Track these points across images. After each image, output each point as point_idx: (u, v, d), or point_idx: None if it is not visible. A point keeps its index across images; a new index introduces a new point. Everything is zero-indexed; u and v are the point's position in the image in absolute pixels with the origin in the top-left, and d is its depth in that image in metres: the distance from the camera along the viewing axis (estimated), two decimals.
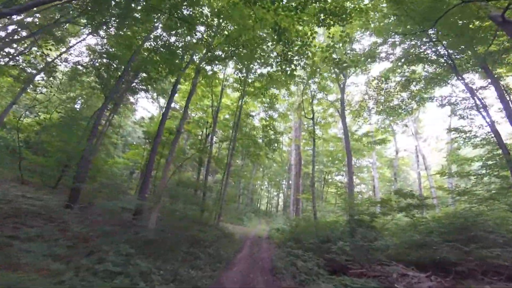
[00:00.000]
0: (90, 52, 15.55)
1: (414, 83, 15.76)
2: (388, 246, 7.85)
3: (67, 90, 20.98)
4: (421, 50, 13.59)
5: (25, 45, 16.60)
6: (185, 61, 13.44)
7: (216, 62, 13.21)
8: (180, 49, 12.62)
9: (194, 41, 12.12)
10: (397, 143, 31.67)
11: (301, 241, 10.24)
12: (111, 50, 14.10)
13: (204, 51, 12.68)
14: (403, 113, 18.87)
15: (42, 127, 16.35)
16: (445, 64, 13.08)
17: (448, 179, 22.01)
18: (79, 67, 16.04)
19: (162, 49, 12.43)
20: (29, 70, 17.23)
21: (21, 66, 17.56)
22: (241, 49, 10.24)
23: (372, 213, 9.50)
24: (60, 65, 18.47)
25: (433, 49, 12.95)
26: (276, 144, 15.55)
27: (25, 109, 18.41)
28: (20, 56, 17.17)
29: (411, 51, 13.88)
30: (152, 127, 19.67)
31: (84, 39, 16.56)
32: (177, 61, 12.30)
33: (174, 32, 11.87)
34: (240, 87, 17.66)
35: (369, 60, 16.67)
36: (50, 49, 14.67)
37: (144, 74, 14.83)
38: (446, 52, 11.98)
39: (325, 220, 13.05)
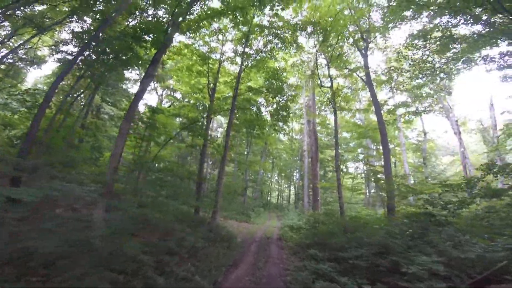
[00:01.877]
0: (76, 40, 13.06)
1: (457, 42, 12.19)
2: (497, 252, 4.31)
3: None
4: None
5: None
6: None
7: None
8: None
9: None
10: (424, 124, 27.59)
11: (329, 247, 6.72)
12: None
13: None
14: (445, 76, 15.26)
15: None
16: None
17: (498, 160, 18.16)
18: (68, 56, 13.62)
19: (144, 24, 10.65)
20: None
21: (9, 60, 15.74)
22: None
23: (446, 202, 5.87)
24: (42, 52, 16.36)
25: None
26: (285, 112, 11.90)
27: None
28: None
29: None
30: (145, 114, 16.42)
31: (60, 22, 13.83)
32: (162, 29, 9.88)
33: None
34: (239, 56, 14.57)
35: (391, 25, 13.32)
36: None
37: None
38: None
39: (360, 215, 9.50)
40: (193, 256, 6.16)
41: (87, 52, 11.67)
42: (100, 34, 11.29)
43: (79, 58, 11.02)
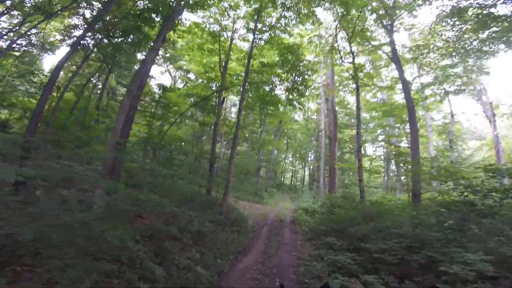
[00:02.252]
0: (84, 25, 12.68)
1: (498, 20, 10.71)
2: None
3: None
4: None
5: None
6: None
7: None
8: None
9: None
10: (452, 105, 25.47)
11: (348, 235, 6.12)
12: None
13: None
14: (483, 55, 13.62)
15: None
16: None
17: None
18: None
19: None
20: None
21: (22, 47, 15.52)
22: None
23: (490, 189, 5.03)
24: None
25: None
26: (303, 87, 10.98)
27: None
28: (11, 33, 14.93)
29: None
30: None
31: (67, 7, 13.33)
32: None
33: None
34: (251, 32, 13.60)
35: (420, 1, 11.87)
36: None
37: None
38: None
39: (384, 200, 8.77)
40: (200, 241, 5.78)
41: (94, 34, 11.26)
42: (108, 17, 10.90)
43: (83, 39, 10.68)
